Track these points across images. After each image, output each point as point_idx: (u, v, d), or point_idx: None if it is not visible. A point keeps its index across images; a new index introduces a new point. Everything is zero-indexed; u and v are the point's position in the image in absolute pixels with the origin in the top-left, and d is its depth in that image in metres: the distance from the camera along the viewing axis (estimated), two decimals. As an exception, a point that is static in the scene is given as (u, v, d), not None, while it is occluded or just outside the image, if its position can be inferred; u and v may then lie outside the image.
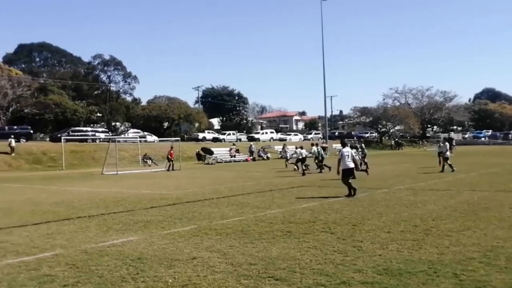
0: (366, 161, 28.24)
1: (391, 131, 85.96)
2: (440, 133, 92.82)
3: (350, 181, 15.15)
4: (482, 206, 12.01)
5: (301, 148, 30.02)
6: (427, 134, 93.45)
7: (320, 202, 13.70)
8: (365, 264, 6.83)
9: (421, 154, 53.25)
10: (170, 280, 6.31)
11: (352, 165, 15.17)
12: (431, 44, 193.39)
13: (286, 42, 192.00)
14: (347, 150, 15.47)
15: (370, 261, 7.01)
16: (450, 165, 24.09)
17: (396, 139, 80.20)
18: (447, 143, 25.54)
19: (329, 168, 26.53)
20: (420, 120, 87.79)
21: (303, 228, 9.67)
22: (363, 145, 33.17)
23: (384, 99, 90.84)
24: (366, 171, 23.62)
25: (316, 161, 28.16)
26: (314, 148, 28.37)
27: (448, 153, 24.61)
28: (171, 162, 33.63)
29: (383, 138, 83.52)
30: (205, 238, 8.97)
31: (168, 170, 32.74)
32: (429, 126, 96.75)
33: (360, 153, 28.73)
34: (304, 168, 27.76)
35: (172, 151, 34.26)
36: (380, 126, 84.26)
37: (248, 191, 17.74)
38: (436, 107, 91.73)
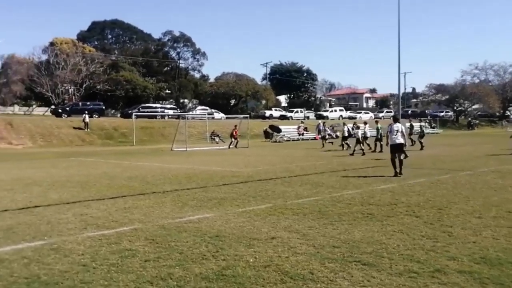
0: (422, 141, 28.22)
1: (468, 110, 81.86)
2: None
3: (402, 159, 15.06)
4: None
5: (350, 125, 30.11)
6: (509, 114, 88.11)
7: (399, 184, 13.06)
8: (459, 252, 6.28)
9: (501, 135, 50.35)
10: (251, 260, 6.07)
11: (399, 140, 15.03)
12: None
13: (357, 15, 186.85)
14: (396, 125, 15.32)
15: (464, 248, 6.45)
16: None
17: (469, 119, 76.38)
18: None
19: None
20: (501, 99, 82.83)
21: (384, 211, 9.17)
22: (422, 124, 31.78)
23: (462, 76, 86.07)
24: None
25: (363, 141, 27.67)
26: (361, 126, 27.79)
27: None
28: (235, 140, 33.64)
29: (459, 117, 79.75)
30: (281, 218, 8.69)
31: (229, 147, 32.79)
32: (511, 105, 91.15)
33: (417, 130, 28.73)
34: (345, 147, 28.11)
35: (236, 130, 34.20)
36: (456, 104, 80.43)
37: (320, 170, 17.31)
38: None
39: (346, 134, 29.02)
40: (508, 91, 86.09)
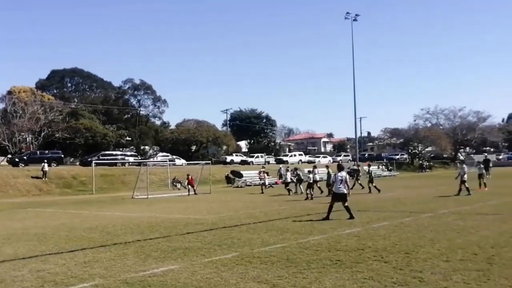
0: (374, 185, 28.42)
1: (422, 152, 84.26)
2: (472, 155, 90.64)
3: (346, 205, 15.38)
4: (542, 232, 11.24)
5: (294, 170, 32.16)
6: (460, 156, 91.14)
7: (364, 228, 13.08)
8: (432, 298, 6.24)
9: (454, 176, 51.72)
10: (221, 316, 5.83)
11: (342, 190, 15.43)
12: (463, 62, 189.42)
13: (312, 62, 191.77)
14: (341, 174, 15.67)
15: (435, 294, 6.41)
16: (467, 188, 23.68)
17: (420, 162, 78.18)
18: (464, 166, 25.12)
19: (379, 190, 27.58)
20: (453, 142, 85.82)
21: (353, 257, 9.09)
22: (371, 168, 31.45)
23: (415, 120, 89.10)
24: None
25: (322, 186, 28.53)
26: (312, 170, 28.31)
27: (465, 176, 23.98)
28: (192, 188, 33.08)
29: (414, 160, 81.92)
30: (249, 267, 8.48)
31: (189, 194, 32.30)
32: (461, 147, 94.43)
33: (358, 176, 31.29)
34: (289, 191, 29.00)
35: (191, 178, 33.60)
36: (411, 147, 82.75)
37: (284, 215, 17.21)
38: (469, 127, 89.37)
39: (289, 180, 30.31)
40: (459, 134, 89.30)
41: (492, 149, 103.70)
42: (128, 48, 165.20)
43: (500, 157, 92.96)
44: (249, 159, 67.63)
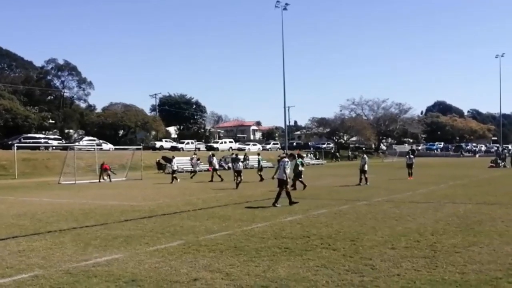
0: (261, 174, 29.74)
1: (347, 142, 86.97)
2: (394, 145, 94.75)
3: (289, 191, 15.89)
4: (473, 219, 11.82)
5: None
6: (383, 146, 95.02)
7: (304, 215, 13.20)
8: (388, 286, 6.32)
9: (381, 165, 53.84)
10: (179, 307, 5.60)
11: (282, 176, 15.74)
12: (387, 57, 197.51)
13: (241, 50, 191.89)
14: (282, 161, 16.11)
15: (391, 282, 6.49)
16: (366, 178, 24.37)
17: (333, 151, 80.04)
18: (365, 156, 25.87)
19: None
20: (376, 132, 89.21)
21: (300, 244, 9.12)
22: (260, 157, 33.13)
23: (341, 110, 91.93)
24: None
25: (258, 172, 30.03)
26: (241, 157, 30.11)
27: (366, 166, 24.65)
28: (106, 173, 32.06)
29: (340, 149, 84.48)
30: (198, 256, 8.27)
31: (100, 181, 31.39)
32: (384, 137, 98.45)
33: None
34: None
35: (105, 164, 32.56)
36: (337, 137, 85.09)
37: (223, 202, 17.07)
38: (391, 119, 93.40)
39: (175, 168, 31.04)
40: (382, 125, 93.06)
41: (412, 140, 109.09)
42: (50, 26, 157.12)
43: (420, 147, 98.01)
44: (180, 145, 66.74)
